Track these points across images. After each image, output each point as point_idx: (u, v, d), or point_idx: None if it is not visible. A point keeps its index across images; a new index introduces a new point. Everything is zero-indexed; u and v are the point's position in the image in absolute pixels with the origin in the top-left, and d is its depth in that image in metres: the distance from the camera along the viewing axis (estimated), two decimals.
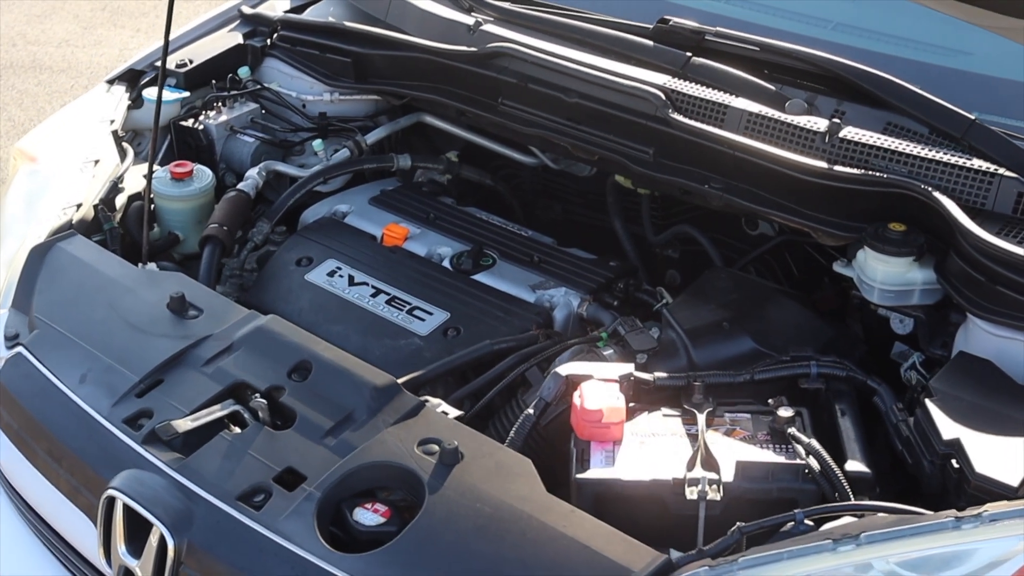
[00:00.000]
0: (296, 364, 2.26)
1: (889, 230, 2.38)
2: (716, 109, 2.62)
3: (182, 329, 2.38)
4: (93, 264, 2.59)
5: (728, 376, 2.31)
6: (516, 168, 3.46)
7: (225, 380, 2.26)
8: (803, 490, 2.08)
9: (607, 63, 2.80)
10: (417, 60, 3.05)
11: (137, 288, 2.51)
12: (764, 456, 2.12)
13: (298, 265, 2.82)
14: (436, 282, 2.74)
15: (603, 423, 2.15)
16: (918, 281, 2.39)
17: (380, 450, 2.08)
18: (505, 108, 2.93)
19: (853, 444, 2.16)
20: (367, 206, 3.04)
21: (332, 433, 2.12)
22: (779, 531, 1.92)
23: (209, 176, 2.94)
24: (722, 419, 2.23)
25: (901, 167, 2.42)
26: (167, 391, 2.25)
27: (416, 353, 2.55)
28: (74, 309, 2.47)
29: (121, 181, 2.87)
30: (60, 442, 2.25)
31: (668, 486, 2.07)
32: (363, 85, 3.19)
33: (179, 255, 2.94)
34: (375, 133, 3.23)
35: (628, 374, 2.26)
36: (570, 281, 2.73)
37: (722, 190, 2.60)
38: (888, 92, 2.53)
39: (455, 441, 2.05)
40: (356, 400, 2.17)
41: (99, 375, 2.31)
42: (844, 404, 2.26)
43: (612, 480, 2.09)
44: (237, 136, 3.18)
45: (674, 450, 2.15)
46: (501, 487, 2.00)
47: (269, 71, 3.34)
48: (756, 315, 2.48)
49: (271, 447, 2.12)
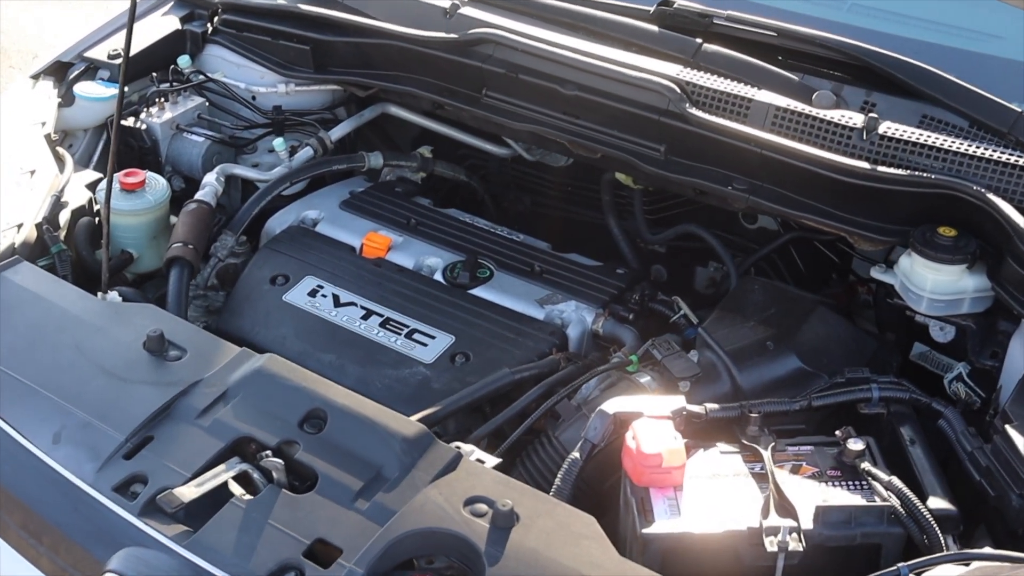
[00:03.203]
0: (307, 413, 1.98)
1: (939, 235, 2.21)
2: (738, 103, 2.40)
3: (166, 374, 2.08)
4: (47, 297, 2.26)
5: (785, 404, 2.12)
6: (483, 159, 3.21)
7: (226, 435, 1.97)
8: (889, 534, 1.90)
9: (607, 51, 2.55)
10: (387, 48, 2.76)
11: (105, 325, 2.19)
12: (844, 498, 1.93)
13: (273, 284, 2.53)
14: (432, 299, 2.48)
15: (663, 468, 1.93)
16: (969, 289, 2.23)
17: (422, 514, 1.82)
18: (490, 100, 2.67)
19: (930, 477, 1.99)
20: (339, 211, 2.75)
21: (363, 495, 1.86)
22: None
23: (164, 186, 2.62)
24: (784, 453, 2.03)
25: (946, 165, 2.24)
26: (159, 450, 1.95)
27: (423, 385, 2.29)
28: (34, 353, 2.14)
29: (63, 194, 2.53)
30: (38, 515, 1.93)
31: (743, 536, 1.88)
32: (323, 76, 2.89)
33: (132, 275, 2.62)
34: (339, 128, 2.93)
35: (681, 408, 2.04)
36: (579, 293, 2.50)
37: (747, 191, 2.40)
38: (926, 83, 2.35)
39: (508, 501, 1.81)
40: (384, 454, 1.91)
41: (76, 433, 1.99)
42: (910, 430, 2.09)
43: (682, 534, 1.88)
44: (184, 135, 2.85)
45: (741, 494, 1.95)
46: (568, 552, 1.77)
47: (212, 60, 3.01)
48: (797, 331, 2.28)
49: (294, 514, 1.84)
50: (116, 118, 2.35)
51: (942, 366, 2.49)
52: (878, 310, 2.73)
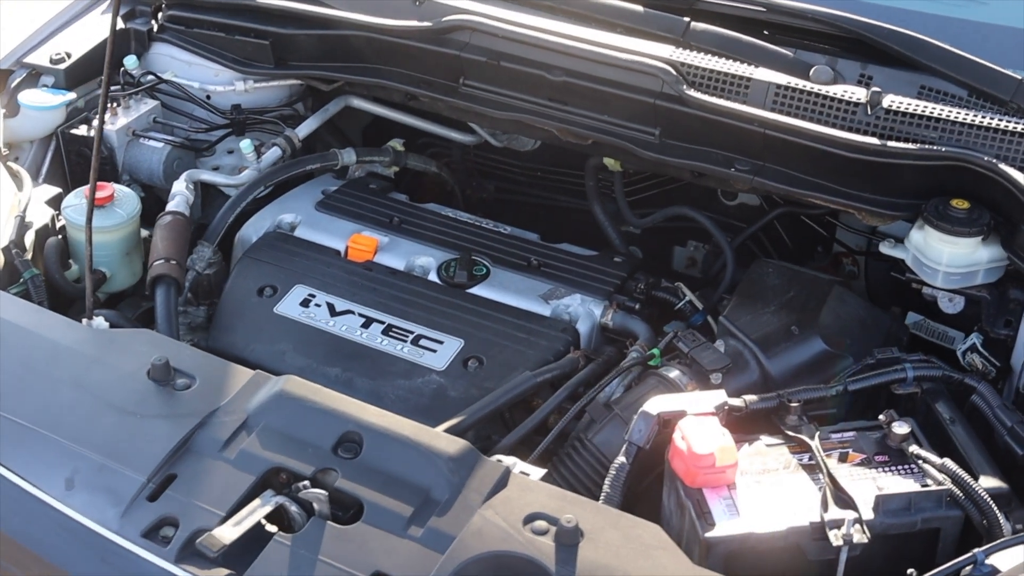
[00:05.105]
0: (340, 437, 1.87)
1: (952, 207, 2.19)
2: (736, 82, 2.35)
3: (178, 405, 1.95)
4: (30, 327, 2.10)
5: (821, 390, 2.07)
6: (445, 147, 3.10)
7: (256, 467, 1.85)
8: (948, 517, 1.88)
9: (593, 34, 2.47)
10: (354, 39, 2.63)
11: (101, 355, 2.04)
12: (899, 484, 1.90)
13: (261, 295, 2.40)
14: (431, 301, 2.38)
15: (717, 467, 1.87)
16: (984, 260, 2.21)
17: (483, 537, 1.73)
18: (468, 90, 2.57)
19: (976, 455, 1.98)
20: (316, 214, 2.62)
21: (415, 521, 1.76)
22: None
23: (135, 200, 2.45)
24: (829, 441, 2.00)
25: (953, 136, 2.22)
26: (185, 489, 1.82)
27: (439, 394, 2.19)
28: (28, 391, 1.98)
29: (25, 214, 2.35)
30: (60, 569, 1.79)
31: (806, 532, 1.84)
32: (285, 71, 2.74)
33: (104, 295, 2.46)
34: (306, 125, 2.79)
35: (723, 403, 1.99)
36: (582, 286, 2.43)
37: (751, 172, 2.34)
38: (923, 54, 2.32)
39: (571, 516, 1.73)
40: (431, 475, 1.81)
41: (90, 477, 1.85)
42: (946, 409, 2.06)
43: (746, 535, 1.82)
44: (141, 141, 2.68)
45: (796, 487, 1.91)
46: (642, 566, 1.70)
47: (160, 59, 2.84)
48: (818, 313, 2.24)
49: (345, 548, 1.74)
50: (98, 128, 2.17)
51: (937, 335, 2.49)
52: (869, 282, 2.72)
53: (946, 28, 2.46)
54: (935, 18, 2.51)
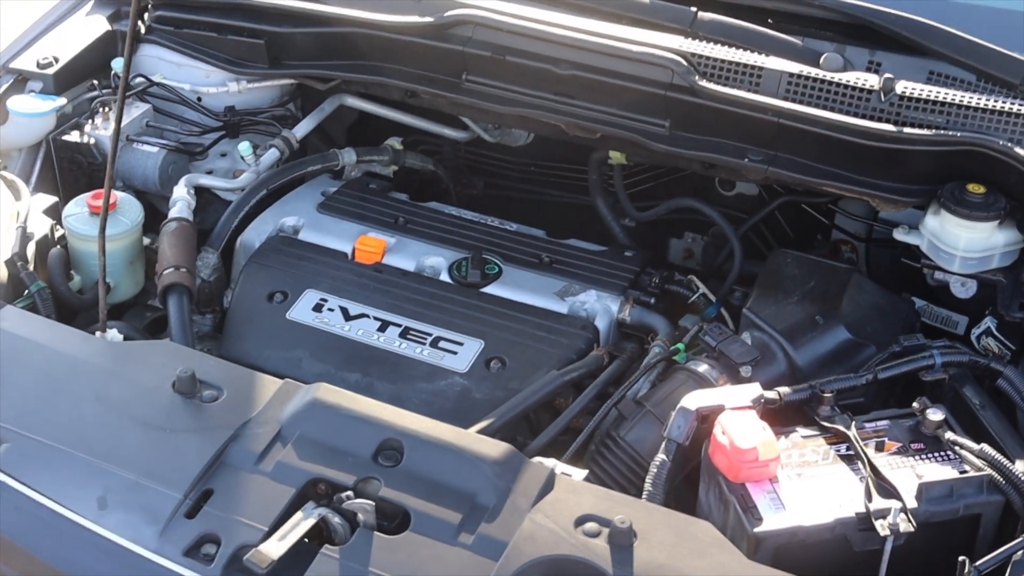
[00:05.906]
0: (380, 444, 1.84)
1: (969, 192, 2.20)
2: (748, 71, 2.33)
3: (207, 418, 1.90)
4: (45, 342, 2.04)
5: (852, 379, 2.07)
6: (436, 144, 3.06)
7: (295, 479, 1.80)
8: (989, 503, 1.89)
9: (599, 26, 2.44)
10: (353, 37, 2.58)
11: (121, 369, 1.99)
12: (939, 472, 1.90)
13: (271, 301, 2.35)
14: (446, 302, 2.34)
15: (760, 461, 1.86)
16: (1000, 244, 2.22)
17: (536, 542, 1.71)
18: (472, 85, 2.53)
19: (1009, 440, 1.99)
20: (318, 216, 2.57)
21: (464, 528, 1.73)
22: (1012, 561, 1.72)
23: (137, 207, 2.39)
24: (864, 431, 1.99)
25: (966, 121, 2.23)
26: (224, 504, 1.78)
27: (464, 396, 2.16)
28: (50, 409, 1.92)
29: (27, 225, 2.28)
30: None
31: (853, 524, 1.83)
32: (280, 71, 2.69)
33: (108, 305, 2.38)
34: (303, 126, 2.73)
35: (759, 396, 1.98)
36: (596, 282, 2.41)
37: (765, 162, 2.33)
38: (931, 39, 2.32)
39: (624, 517, 1.71)
40: (476, 480, 1.79)
41: (123, 496, 1.79)
42: (975, 394, 2.07)
43: (795, 528, 1.81)
44: (135, 146, 2.61)
45: (837, 478, 1.90)
46: (701, 564, 1.69)
47: (149, 61, 2.76)
48: (840, 301, 2.24)
49: (396, 558, 1.70)
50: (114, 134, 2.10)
51: (941, 320, 2.51)
52: (870, 269, 2.72)
53: (951, 13, 2.47)
54: (941, 3, 2.52)
